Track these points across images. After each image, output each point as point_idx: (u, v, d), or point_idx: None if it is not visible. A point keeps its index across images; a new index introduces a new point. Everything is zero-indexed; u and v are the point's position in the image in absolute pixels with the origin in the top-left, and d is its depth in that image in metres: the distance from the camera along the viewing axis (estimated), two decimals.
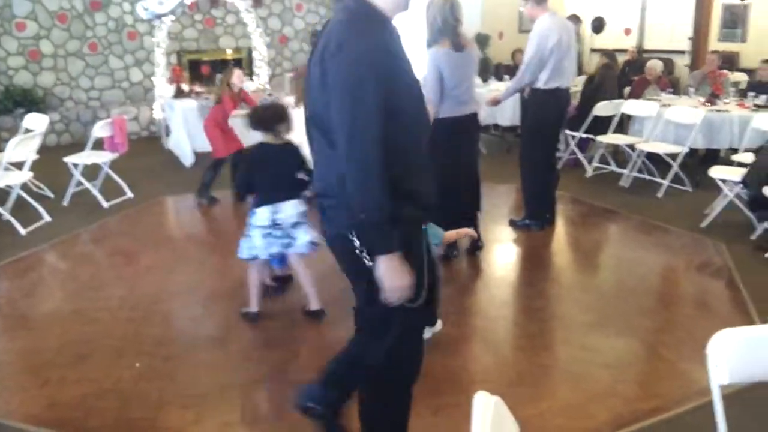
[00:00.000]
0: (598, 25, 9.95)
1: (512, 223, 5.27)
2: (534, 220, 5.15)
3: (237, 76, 5.86)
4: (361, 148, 1.80)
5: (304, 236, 3.55)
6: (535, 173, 5.10)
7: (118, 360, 3.29)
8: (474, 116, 4.44)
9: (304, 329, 3.65)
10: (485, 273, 4.56)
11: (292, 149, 3.59)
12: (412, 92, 1.98)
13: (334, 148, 1.88)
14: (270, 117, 3.55)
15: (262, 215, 3.51)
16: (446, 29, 4.18)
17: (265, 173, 3.53)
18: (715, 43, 9.18)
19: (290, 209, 3.52)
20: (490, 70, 9.88)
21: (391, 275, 1.89)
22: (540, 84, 4.85)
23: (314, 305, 3.70)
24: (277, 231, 3.51)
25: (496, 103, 5.40)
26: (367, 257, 1.93)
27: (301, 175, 3.55)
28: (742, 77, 8.61)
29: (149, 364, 3.25)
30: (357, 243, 1.94)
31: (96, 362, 3.28)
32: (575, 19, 7.09)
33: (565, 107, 5.10)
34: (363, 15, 1.90)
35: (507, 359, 3.34)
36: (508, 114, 7.60)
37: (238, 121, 5.50)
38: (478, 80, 8.44)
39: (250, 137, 4.36)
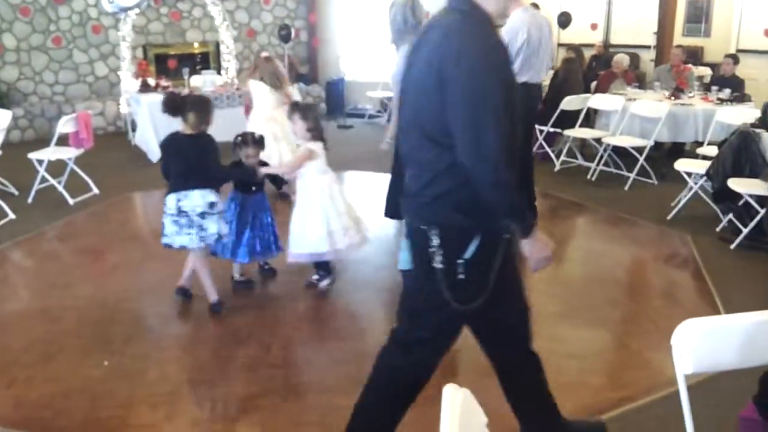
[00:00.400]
0: (565, 20, 10.02)
1: None
2: None
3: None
4: (493, 149, 1.88)
5: (213, 226, 3.55)
6: None
7: (86, 359, 3.24)
8: None
9: (274, 324, 3.64)
10: None
11: (203, 140, 3.58)
12: (517, 90, 2.09)
13: (437, 148, 1.97)
14: (182, 104, 3.53)
15: (169, 203, 3.53)
16: (407, 29, 4.18)
17: (175, 161, 3.54)
18: (679, 38, 9.32)
19: (197, 199, 3.50)
20: None
21: (538, 249, 2.06)
22: None
23: (212, 298, 3.73)
24: (183, 219, 3.50)
25: None
26: (439, 256, 2.02)
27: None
28: (706, 71, 8.77)
29: (118, 363, 3.21)
30: (434, 242, 2.02)
31: (64, 361, 3.23)
32: (534, 7, 7.14)
33: (534, 101, 5.12)
34: (478, 20, 1.96)
35: (478, 351, 3.35)
36: None
37: None
38: None
39: None
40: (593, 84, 8.03)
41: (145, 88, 7.52)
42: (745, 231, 4.64)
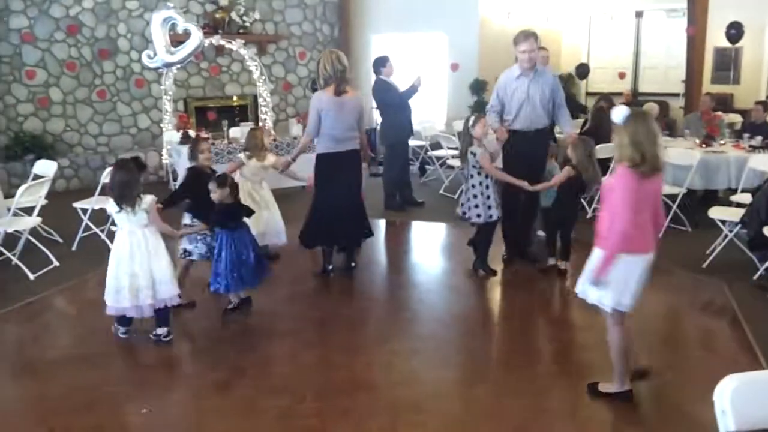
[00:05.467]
0: (583, 72, 10.30)
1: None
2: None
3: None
4: None
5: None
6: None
7: (124, 406, 3.31)
8: (353, 153, 4.95)
9: (309, 373, 3.66)
10: (487, 315, 4.59)
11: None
12: None
13: None
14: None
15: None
16: (335, 75, 4.80)
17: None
18: (708, 86, 9.35)
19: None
20: None
21: None
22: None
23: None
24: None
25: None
26: None
27: None
28: (736, 118, 8.75)
29: (156, 410, 3.26)
30: None
31: (102, 409, 3.28)
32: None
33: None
34: None
35: (512, 403, 3.35)
36: None
37: None
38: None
39: None
40: None
41: (185, 139, 7.75)
42: None
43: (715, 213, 5.32)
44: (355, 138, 4.99)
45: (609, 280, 3.01)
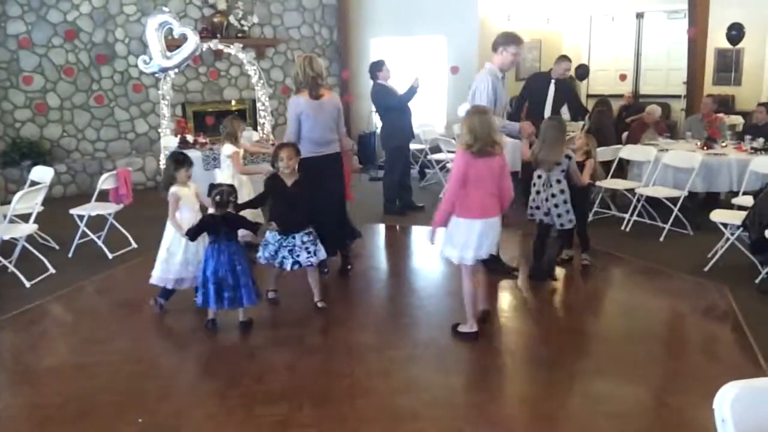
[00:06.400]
0: (583, 73, 10.27)
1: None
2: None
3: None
4: None
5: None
6: None
7: (120, 416, 3.27)
8: (334, 156, 4.99)
9: (306, 382, 3.62)
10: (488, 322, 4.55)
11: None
12: None
13: None
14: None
15: None
16: (305, 80, 4.80)
17: None
18: (710, 87, 9.31)
19: None
20: None
21: None
22: None
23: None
24: None
25: None
26: None
27: None
28: (738, 120, 8.71)
29: (152, 420, 3.23)
30: None
31: (97, 418, 3.25)
32: (566, 59, 7.30)
33: None
34: None
35: (511, 410, 3.31)
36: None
37: None
38: None
39: None
40: (624, 134, 8.03)
41: (183, 144, 7.72)
42: None
43: (717, 216, 5.28)
44: (336, 141, 4.99)
45: (456, 240, 3.87)
